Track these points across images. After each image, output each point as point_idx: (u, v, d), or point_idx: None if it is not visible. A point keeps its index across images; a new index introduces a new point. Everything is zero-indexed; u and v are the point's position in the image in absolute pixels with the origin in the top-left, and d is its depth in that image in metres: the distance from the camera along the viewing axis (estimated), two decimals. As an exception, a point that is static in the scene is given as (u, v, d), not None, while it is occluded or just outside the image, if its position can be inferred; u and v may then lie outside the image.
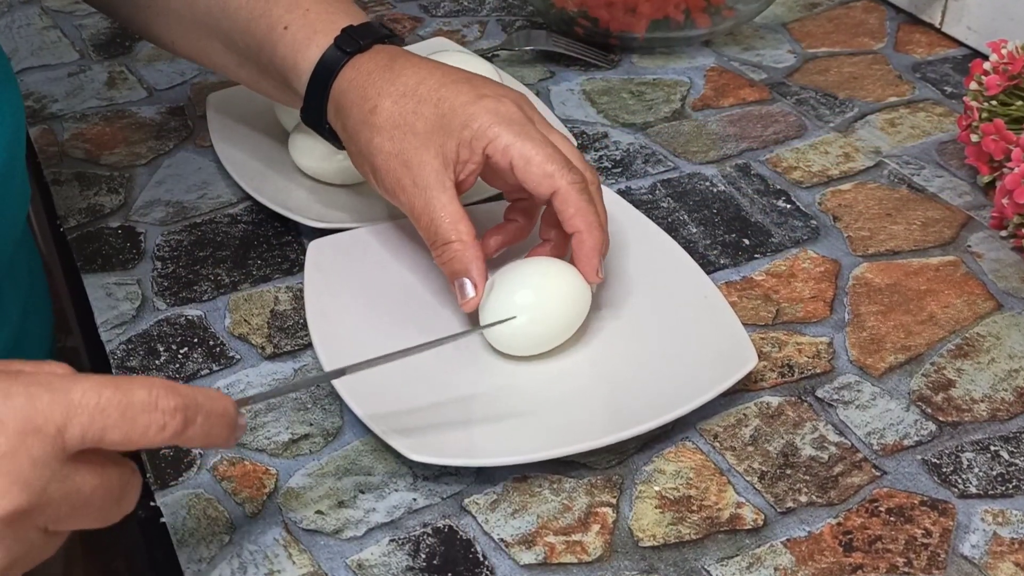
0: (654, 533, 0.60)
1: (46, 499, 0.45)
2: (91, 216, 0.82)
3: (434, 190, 0.66)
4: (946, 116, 0.94)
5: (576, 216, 0.66)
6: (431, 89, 0.67)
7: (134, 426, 0.47)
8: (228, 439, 0.52)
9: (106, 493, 0.48)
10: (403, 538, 0.60)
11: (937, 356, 0.71)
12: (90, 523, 0.49)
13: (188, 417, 0.48)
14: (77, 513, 0.47)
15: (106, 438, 0.46)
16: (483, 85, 0.68)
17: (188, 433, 0.49)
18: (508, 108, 0.67)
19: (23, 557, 0.47)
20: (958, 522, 0.61)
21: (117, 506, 0.49)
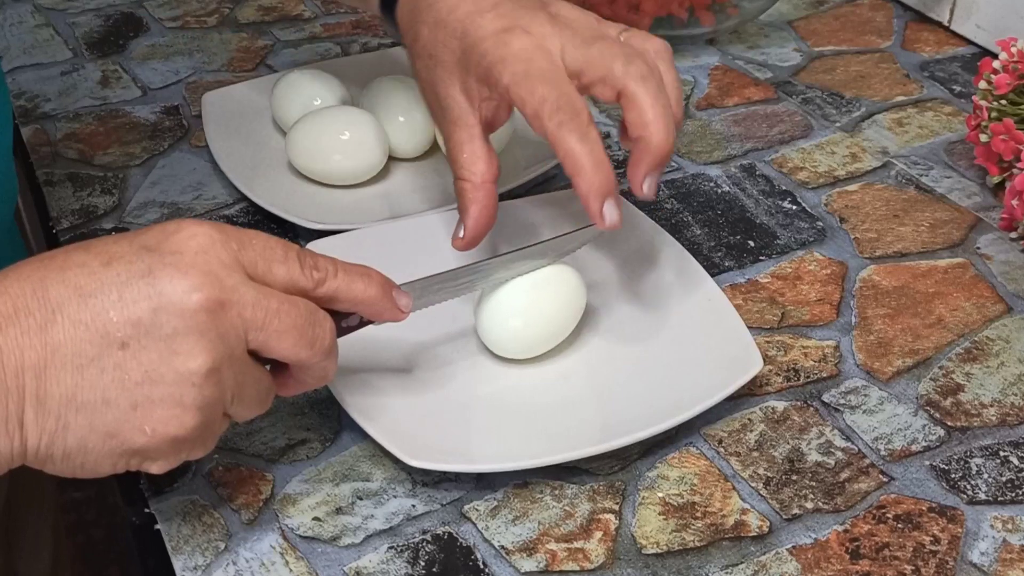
0: (657, 540, 0.60)
1: (238, 298, 0.51)
2: (84, 217, 0.82)
3: (458, 125, 0.67)
4: (955, 116, 0.94)
5: (565, 159, 0.63)
6: (459, 19, 0.66)
7: (294, 268, 0.54)
8: (381, 299, 0.58)
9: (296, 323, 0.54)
10: (402, 545, 0.60)
11: (946, 360, 0.71)
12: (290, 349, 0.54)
13: (337, 267, 0.56)
14: (273, 335, 0.52)
15: (273, 270, 0.53)
16: (513, 12, 0.65)
17: (339, 280, 0.56)
18: (522, 37, 0.64)
19: (223, 363, 0.51)
20: (967, 529, 0.61)
21: (310, 345, 0.54)
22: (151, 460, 0.52)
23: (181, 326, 0.50)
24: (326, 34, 1.05)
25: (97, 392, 0.49)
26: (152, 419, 0.50)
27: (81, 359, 0.49)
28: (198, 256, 0.51)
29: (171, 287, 0.50)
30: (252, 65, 1.00)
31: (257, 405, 0.55)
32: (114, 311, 0.49)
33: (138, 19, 1.07)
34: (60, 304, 0.49)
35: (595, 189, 0.63)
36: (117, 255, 0.50)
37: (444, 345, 0.69)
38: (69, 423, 0.49)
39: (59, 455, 0.50)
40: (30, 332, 0.48)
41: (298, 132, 0.82)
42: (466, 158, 0.67)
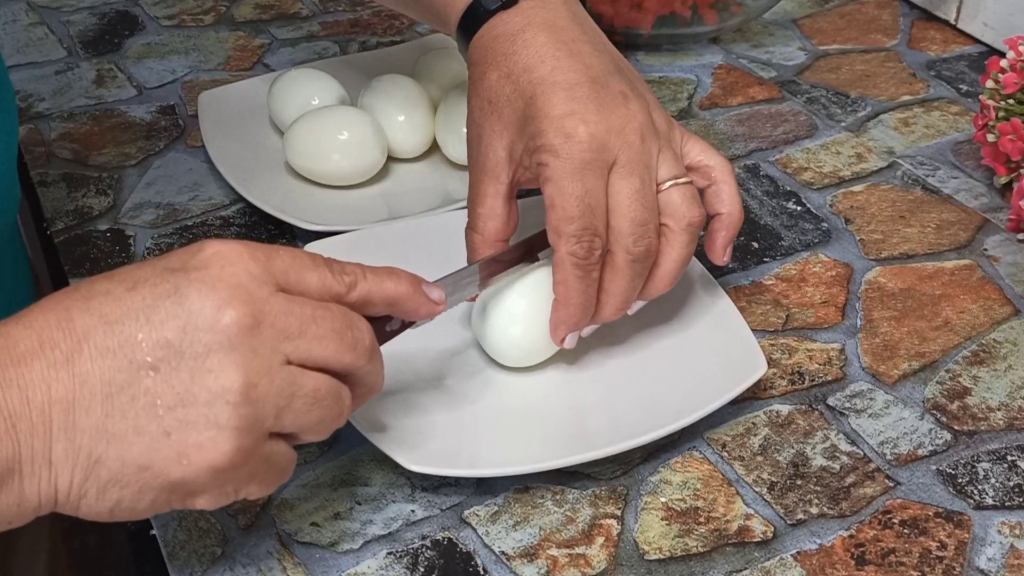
0: (660, 546, 0.60)
1: (270, 308, 0.50)
2: (79, 218, 0.83)
3: (488, 177, 0.67)
4: (961, 115, 0.94)
5: (558, 286, 0.64)
6: (532, 82, 0.65)
7: (325, 274, 0.53)
8: (413, 295, 0.58)
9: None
10: (401, 551, 0.60)
11: (952, 363, 0.71)
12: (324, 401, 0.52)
13: (364, 270, 0.56)
14: (313, 342, 0.51)
15: (305, 278, 0.52)
16: (588, 98, 0.64)
17: (368, 282, 0.55)
18: (583, 137, 0.62)
19: (260, 378, 0.49)
20: (974, 534, 0.61)
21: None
22: (194, 496, 0.50)
23: (213, 342, 0.48)
24: (324, 33, 1.05)
25: (128, 421, 0.48)
26: (187, 444, 0.48)
27: (110, 388, 0.48)
28: (225, 270, 0.50)
29: (199, 304, 0.49)
30: (249, 64, 1.01)
31: (320, 415, 0.52)
32: (142, 334, 0.48)
33: (133, 17, 1.08)
34: (86, 333, 0.48)
35: (569, 322, 0.65)
36: (142, 279, 0.50)
37: (444, 350, 0.69)
38: (101, 456, 0.48)
39: (93, 493, 0.49)
40: (56, 365, 0.47)
41: (296, 132, 0.82)
42: (483, 212, 0.67)
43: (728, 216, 0.69)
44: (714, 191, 0.69)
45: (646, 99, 0.66)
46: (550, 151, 0.63)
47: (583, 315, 0.65)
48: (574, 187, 0.62)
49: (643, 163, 0.64)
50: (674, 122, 0.68)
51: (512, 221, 0.68)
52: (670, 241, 0.66)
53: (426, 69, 0.88)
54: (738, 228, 0.69)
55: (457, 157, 0.84)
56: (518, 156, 0.65)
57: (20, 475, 0.47)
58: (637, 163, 0.64)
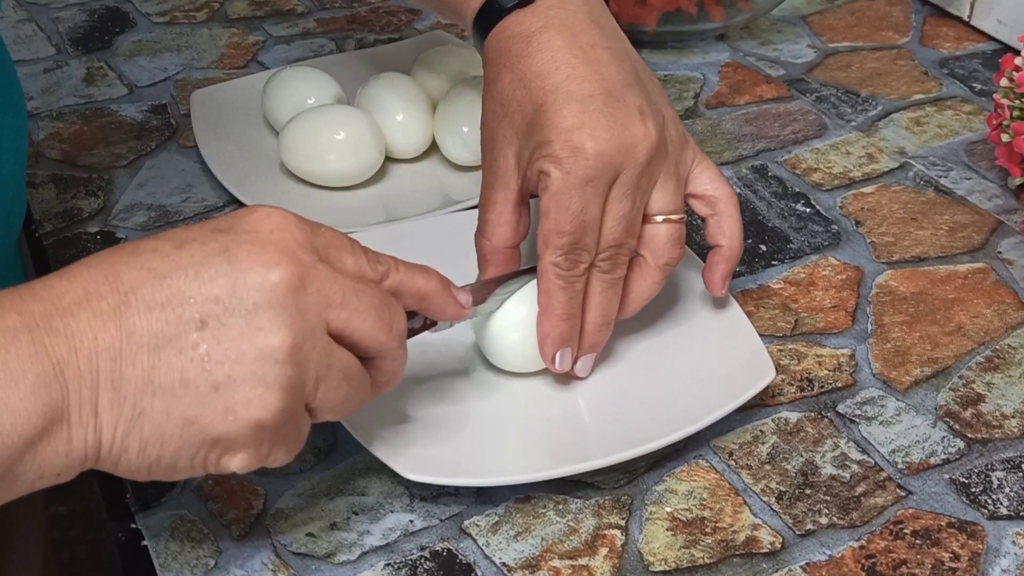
0: (665, 557, 0.60)
1: (316, 273, 0.52)
2: (68, 221, 0.83)
3: (498, 182, 0.67)
4: (975, 115, 0.94)
5: (542, 294, 0.65)
6: (544, 89, 0.64)
7: (361, 259, 0.55)
8: (442, 293, 0.59)
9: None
10: (399, 562, 0.60)
11: (965, 369, 0.71)
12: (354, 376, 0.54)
13: (398, 262, 0.57)
14: (354, 314, 0.53)
15: (343, 259, 0.54)
16: (600, 112, 0.63)
17: (401, 274, 0.57)
18: (589, 153, 0.62)
19: (305, 341, 0.51)
20: (988, 545, 0.61)
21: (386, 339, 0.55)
22: (232, 452, 0.51)
23: (262, 301, 0.50)
24: (320, 30, 1.05)
25: (175, 373, 0.49)
26: (234, 400, 0.50)
27: (158, 340, 0.49)
28: (274, 234, 0.52)
29: (249, 262, 0.50)
30: (243, 62, 1.01)
31: (345, 393, 0.54)
32: (191, 289, 0.50)
33: (124, 14, 1.08)
34: (134, 287, 0.49)
35: (555, 336, 0.65)
36: (189, 238, 0.51)
37: (444, 356, 0.69)
38: (145, 409, 0.49)
39: (135, 447, 0.50)
40: (103, 315, 0.49)
41: (291, 132, 0.82)
42: (492, 218, 0.67)
43: (728, 249, 0.69)
44: (716, 222, 0.69)
45: (663, 114, 0.66)
46: (554, 162, 0.63)
47: (568, 328, 0.65)
48: (572, 203, 0.63)
49: (642, 187, 0.65)
50: (689, 140, 0.68)
51: (522, 228, 0.68)
52: (643, 273, 0.67)
53: (425, 67, 0.88)
54: (737, 261, 0.70)
55: (456, 157, 0.84)
56: (525, 162, 0.65)
57: (68, 423, 0.48)
58: (636, 187, 0.64)
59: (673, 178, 0.66)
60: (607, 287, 0.66)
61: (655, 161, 0.64)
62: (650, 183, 0.65)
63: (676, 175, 0.66)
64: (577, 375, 0.67)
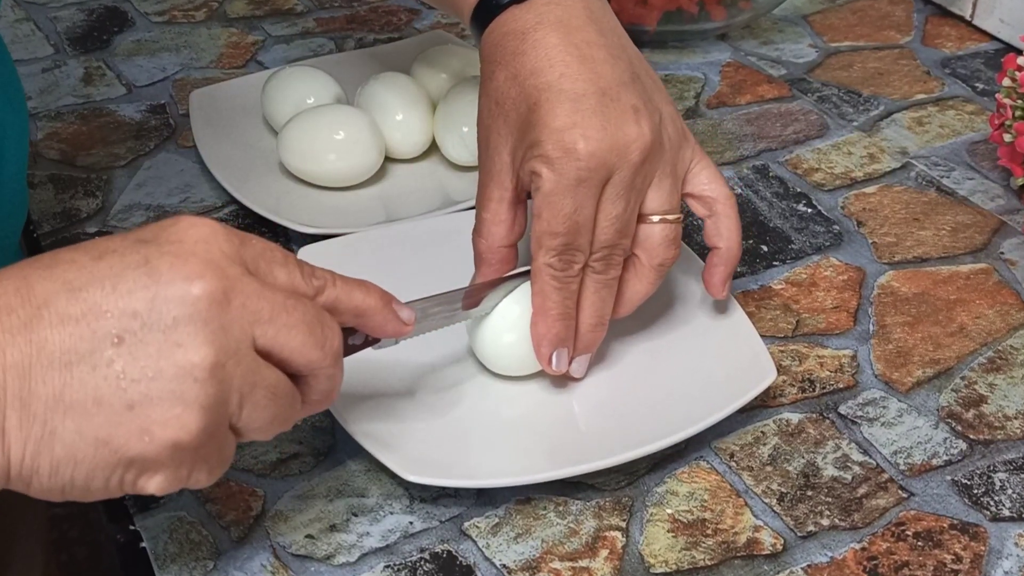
0: (666, 559, 0.60)
1: (243, 287, 0.50)
2: (66, 221, 0.83)
3: (493, 181, 0.67)
4: (977, 114, 0.94)
5: (536, 296, 0.65)
6: (537, 87, 0.64)
7: (295, 273, 0.53)
8: (382, 310, 0.57)
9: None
10: (399, 564, 0.60)
11: (968, 370, 0.71)
12: (280, 393, 0.52)
13: (334, 277, 0.55)
14: (283, 329, 0.51)
15: (274, 272, 0.52)
16: (594, 111, 0.63)
17: (337, 289, 0.55)
18: (581, 154, 0.62)
19: (229, 358, 0.49)
20: (990, 547, 0.61)
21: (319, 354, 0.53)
22: (149, 473, 0.49)
23: (182, 315, 0.48)
24: (320, 29, 1.05)
25: (88, 391, 0.47)
26: (150, 419, 0.47)
27: (70, 356, 0.47)
28: (198, 245, 0.50)
29: (170, 275, 0.48)
30: (242, 61, 1.01)
31: (273, 412, 0.52)
32: (107, 303, 0.47)
33: (123, 13, 1.08)
34: (46, 300, 0.47)
35: (551, 337, 0.65)
36: (109, 249, 0.49)
37: (442, 358, 0.69)
38: (56, 428, 0.47)
39: (46, 468, 0.47)
40: (12, 330, 0.46)
41: (290, 132, 0.82)
42: (487, 217, 0.67)
43: (727, 251, 0.69)
44: (714, 223, 0.69)
45: (660, 112, 0.66)
46: (546, 163, 0.63)
47: (564, 329, 0.65)
48: (564, 204, 0.63)
49: (636, 187, 0.64)
50: (688, 138, 0.68)
51: (518, 226, 0.68)
52: (638, 274, 0.67)
53: (425, 67, 0.88)
54: (736, 263, 0.69)
55: (457, 157, 0.84)
56: (518, 161, 0.65)
57: None
58: (630, 186, 0.64)
59: (669, 177, 0.66)
60: (601, 287, 0.66)
61: (650, 161, 0.64)
62: (645, 183, 0.65)
63: (672, 174, 0.66)
64: (573, 376, 0.67)
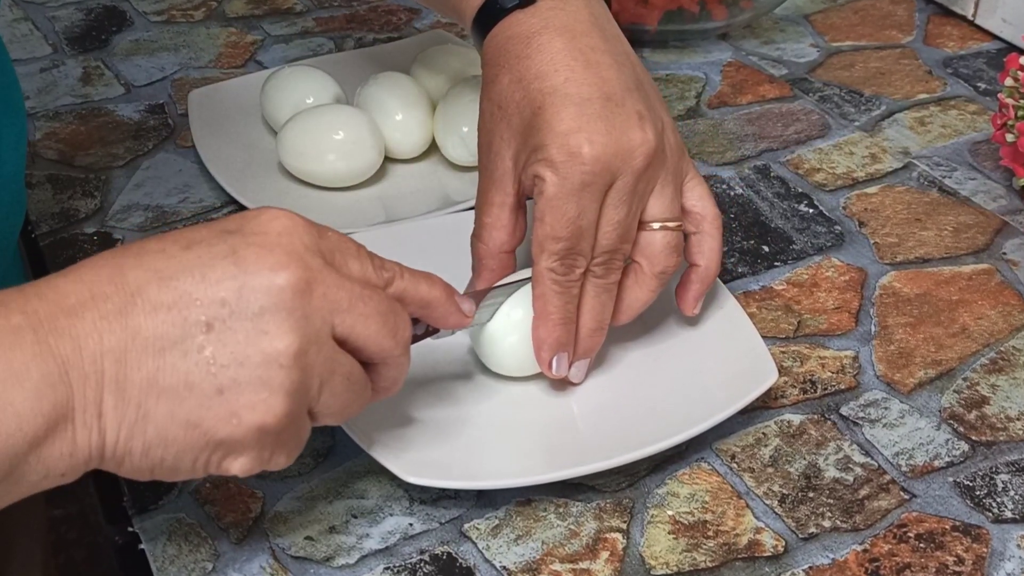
0: (667, 560, 0.60)
1: (323, 278, 0.52)
2: (65, 221, 0.83)
3: (494, 185, 0.67)
4: (979, 114, 0.94)
5: (537, 300, 0.65)
6: (542, 91, 0.64)
7: (367, 264, 0.55)
8: (446, 302, 0.60)
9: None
10: (399, 566, 0.60)
11: (970, 371, 0.71)
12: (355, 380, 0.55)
13: (403, 269, 0.58)
14: (360, 319, 0.53)
15: (348, 263, 0.54)
16: (599, 116, 0.63)
17: (405, 281, 0.57)
18: (586, 158, 0.62)
19: (311, 346, 0.51)
20: (992, 549, 0.61)
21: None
22: (235, 455, 0.52)
23: (268, 304, 0.50)
24: (319, 29, 1.05)
25: (180, 376, 0.49)
26: (238, 404, 0.50)
27: (163, 342, 0.49)
28: (282, 237, 0.52)
29: (256, 265, 0.50)
30: (241, 61, 1.01)
31: (348, 399, 0.55)
32: (197, 292, 0.50)
33: (121, 13, 1.08)
34: (139, 288, 0.49)
35: (551, 341, 0.65)
36: (196, 239, 0.51)
37: (442, 359, 0.69)
38: (149, 411, 0.49)
39: (138, 449, 0.50)
40: (108, 316, 0.49)
41: (290, 132, 0.82)
42: (488, 222, 0.67)
43: (704, 270, 0.69)
44: (697, 241, 0.69)
45: (662, 120, 0.66)
46: (550, 167, 0.63)
47: (564, 333, 0.65)
48: (568, 208, 0.63)
49: (638, 193, 0.64)
50: (685, 152, 0.68)
51: (519, 232, 0.68)
52: (639, 281, 0.67)
53: (425, 66, 0.88)
54: (711, 283, 0.69)
55: (457, 157, 0.84)
56: (521, 165, 0.65)
57: (73, 423, 0.48)
58: (632, 192, 0.64)
59: (670, 185, 0.66)
60: (601, 292, 0.66)
61: (653, 167, 0.64)
62: (647, 189, 0.65)
63: (674, 183, 0.66)
64: (571, 381, 0.67)
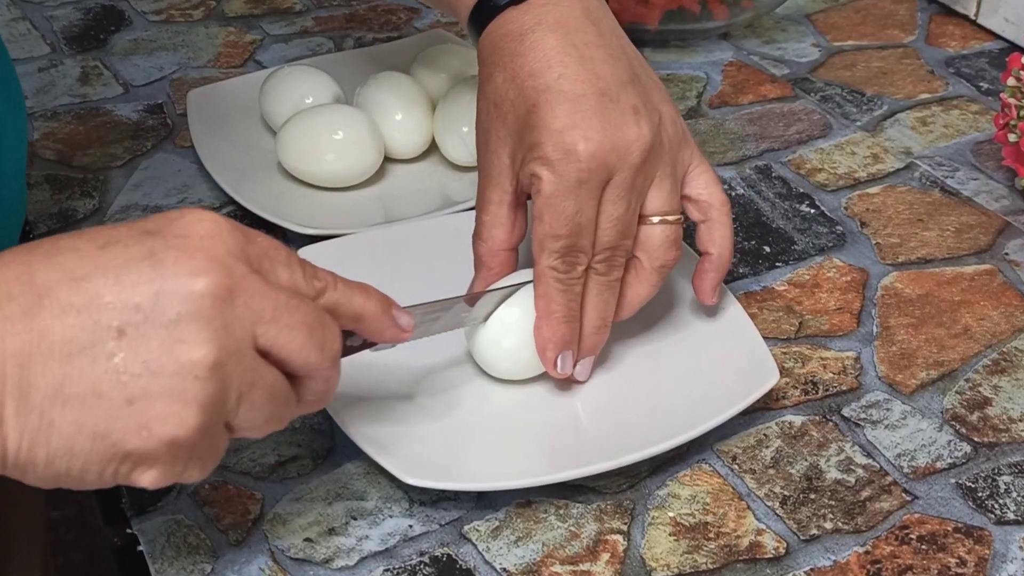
0: (668, 562, 0.60)
1: (247, 286, 0.49)
2: (63, 222, 0.83)
3: (492, 184, 0.67)
4: (982, 114, 0.94)
5: (539, 299, 0.65)
6: (536, 88, 0.64)
7: (297, 273, 0.53)
8: (381, 315, 0.57)
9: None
10: (398, 567, 0.60)
11: (972, 372, 0.71)
12: (274, 394, 0.52)
13: (336, 279, 0.55)
14: (284, 330, 0.51)
15: (277, 271, 0.52)
16: (593, 112, 0.63)
17: (338, 292, 0.55)
18: (581, 155, 0.62)
19: (229, 357, 0.49)
20: (995, 551, 0.61)
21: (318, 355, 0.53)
22: (144, 468, 0.49)
23: (185, 312, 0.48)
24: (318, 28, 1.05)
25: (87, 384, 0.47)
26: (149, 415, 0.47)
27: (71, 347, 0.46)
28: (204, 240, 0.49)
29: (175, 269, 0.48)
30: (240, 61, 1.01)
31: (269, 413, 0.52)
32: (110, 295, 0.47)
33: (120, 12, 1.08)
34: (48, 288, 0.47)
35: (556, 340, 0.65)
36: (114, 239, 0.49)
37: (441, 360, 0.69)
38: (54, 420, 0.47)
39: (42, 459, 0.47)
40: (13, 318, 0.46)
41: (289, 132, 0.82)
42: (487, 220, 0.67)
43: (718, 258, 0.69)
44: (707, 228, 0.69)
45: (660, 112, 0.66)
46: (546, 165, 0.63)
47: (569, 331, 0.65)
48: (566, 205, 0.63)
49: (636, 188, 0.64)
50: (688, 138, 0.68)
51: (519, 229, 0.68)
52: (639, 276, 0.67)
53: (424, 66, 0.88)
54: (726, 270, 0.69)
55: (457, 158, 0.84)
56: (518, 163, 0.65)
57: None
58: (630, 187, 0.64)
59: (669, 178, 0.66)
60: (603, 289, 0.66)
61: (650, 162, 0.64)
62: (645, 184, 0.65)
63: (672, 175, 0.66)
64: (577, 380, 0.67)
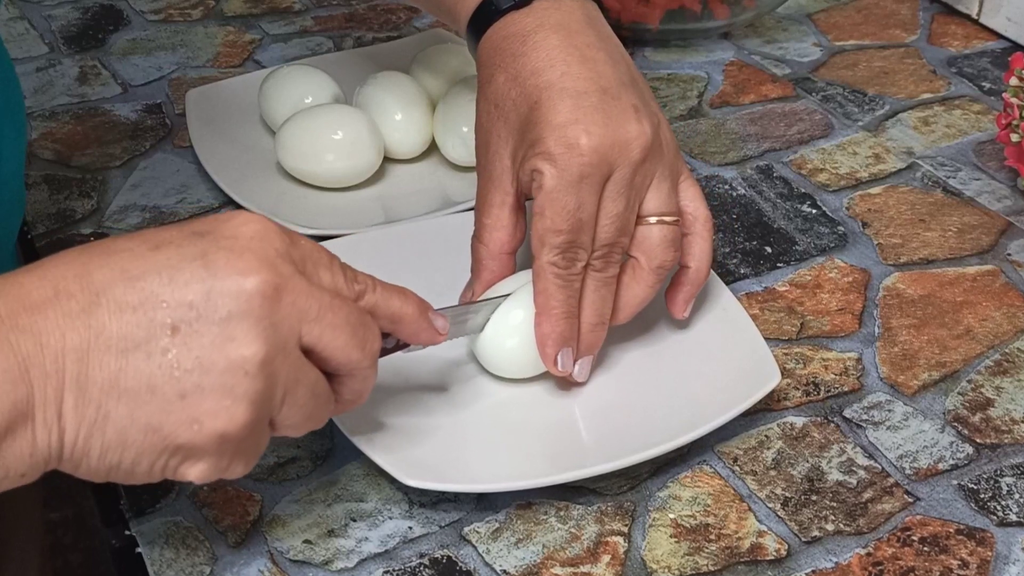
0: (669, 564, 0.60)
1: (293, 285, 0.51)
2: (61, 222, 0.83)
3: (493, 185, 0.67)
4: (984, 114, 0.94)
5: (539, 295, 0.65)
6: (538, 86, 0.65)
7: (338, 276, 0.55)
8: (418, 318, 0.59)
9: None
10: (398, 569, 0.60)
11: (974, 373, 0.71)
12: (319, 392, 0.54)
13: (375, 282, 0.57)
14: (328, 329, 0.53)
15: (319, 273, 0.54)
16: (595, 108, 0.64)
17: (377, 295, 0.57)
18: (584, 149, 0.63)
19: (277, 354, 0.51)
20: (997, 552, 0.61)
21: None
22: (192, 461, 0.51)
23: (236, 309, 0.50)
24: (318, 28, 1.05)
25: (142, 379, 0.49)
26: (200, 410, 0.49)
27: (127, 343, 0.48)
28: (253, 242, 0.51)
29: (226, 269, 0.50)
30: (239, 60, 1.01)
31: (310, 411, 0.54)
32: (164, 293, 0.49)
33: (118, 12, 1.08)
34: (105, 287, 0.49)
35: (556, 336, 0.65)
36: (167, 240, 0.51)
37: (444, 361, 0.69)
38: (110, 412, 0.49)
39: (96, 451, 0.49)
40: (72, 315, 0.48)
41: (288, 131, 0.82)
42: (488, 222, 0.67)
43: (695, 272, 0.69)
44: (688, 242, 0.69)
45: (658, 116, 0.66)
46: (548, 159, 0.63)
47: (568, 327, 0.65)
48: (568, 200, 0.63)
49: (635, 185, 0.65)
50: (679, 151, 0.68)
51: (519, 232, 0.68)
52: (636, 277, 0.67)
53: (424, 66, 0.88)
54: (702, 285, 0.69)
55: (457, 158, 0.84)
56: (519, 163, 0.65)
57: (33, 422, 0.48)
58: (630, 184, 0.64)
59: (667, 180, 0.66)
60: (601, 286, 0.66)
61: (650, 160, 0.65)
62: (644, 182, 0.65)
63: (670, 177, 0.66)
64: (576, 379, 0.67)
